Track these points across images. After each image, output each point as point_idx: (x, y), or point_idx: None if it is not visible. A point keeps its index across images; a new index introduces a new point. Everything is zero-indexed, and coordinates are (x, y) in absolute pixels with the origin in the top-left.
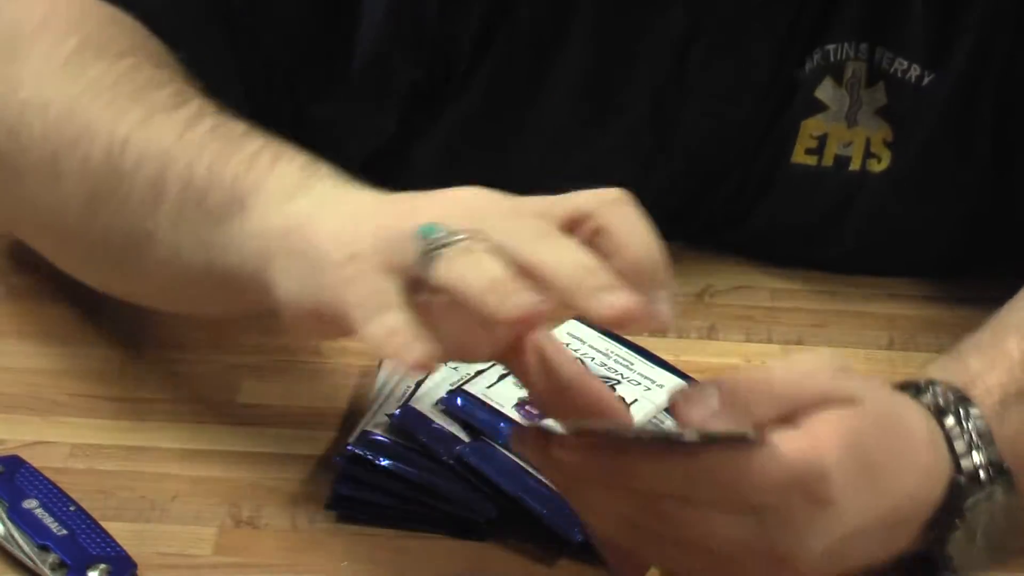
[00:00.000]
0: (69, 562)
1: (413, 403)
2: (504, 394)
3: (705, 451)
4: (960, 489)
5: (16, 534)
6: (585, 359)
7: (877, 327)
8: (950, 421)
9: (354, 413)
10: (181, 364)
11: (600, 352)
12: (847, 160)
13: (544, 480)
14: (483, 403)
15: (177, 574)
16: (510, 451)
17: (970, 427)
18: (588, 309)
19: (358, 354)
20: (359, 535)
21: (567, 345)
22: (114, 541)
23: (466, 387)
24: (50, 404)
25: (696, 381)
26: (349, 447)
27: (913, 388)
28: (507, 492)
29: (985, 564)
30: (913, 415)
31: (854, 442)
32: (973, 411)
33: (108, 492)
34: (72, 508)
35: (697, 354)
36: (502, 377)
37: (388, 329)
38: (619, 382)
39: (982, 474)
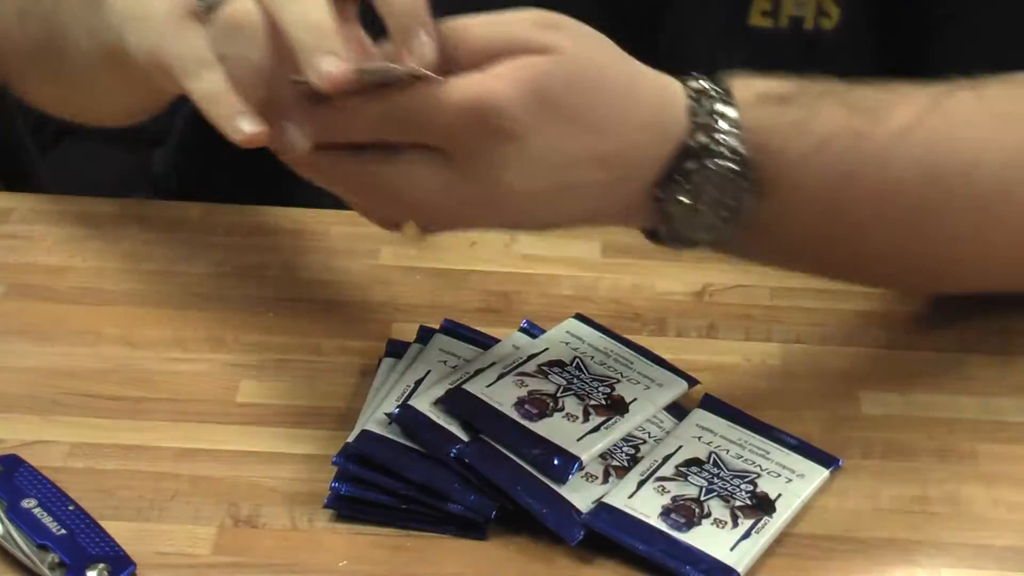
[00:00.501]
0: (68, 561)
1: (412, 402)
2: (503, 393)
3: (387, 92)
4: (691, 153)
5: (15, 533)
6: (585, 358)
7: (877, 327)
8: (701, 98)
9: (353, 412)
10: (180, 364)
11: (600, 351)
12: (801, 20)
13: (544, 480)
14: (482, 402)
15: (176, 573)
16: (509, 450)
17: (718, 107)
18: (306, 71)
19: (357, 353)
20: (358, 534)
21: (566, 344)
22: (113, 540)
23: (465, 386)
24: (49, 403)
25: (697, 380)
26: (348, 446)
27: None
28: (506, 492)
29: (702, 234)
30: (648, 79)
31: (537, 83)
32: (728, 97)
33: (107, 491)
34: (71, 507)
35: (697, 353)
36: (501, 376)
37: (211, 91)
38: (619, 381)
39: (715, 147)
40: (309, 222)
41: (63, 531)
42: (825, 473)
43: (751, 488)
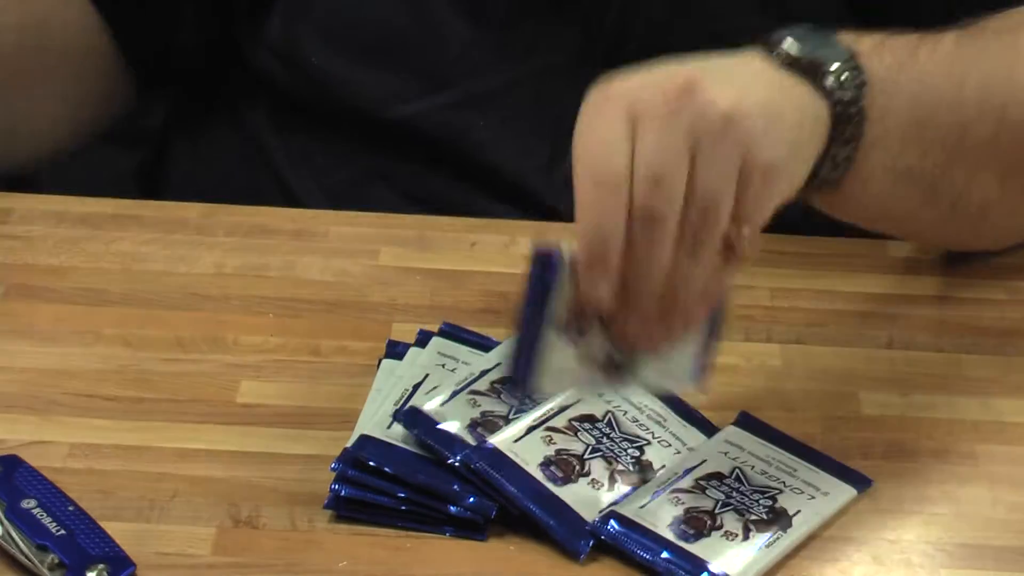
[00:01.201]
0: (68, 562)
1: (417, 404)
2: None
3: None
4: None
5: (15, 534)
6: None
7: (877, 327)
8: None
9: (352, 413)
10: (180, 364)
11: None
12: None
13: (552, 488)
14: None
15: (176, 574)
16: (519, 459)
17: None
18: None
19: (357, 353)
20: (358, 535)
21: None
22: (113, 541)
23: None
24: (49, 404)
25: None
26: (348, 446)
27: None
28: (515, 501)
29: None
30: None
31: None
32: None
33: (107, 492)
34: (71, 508)
35: None
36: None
37: None
38: None
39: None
40: (309, 222)
41: (63, 531)
42: (853, 492)
43: (770, 503)
